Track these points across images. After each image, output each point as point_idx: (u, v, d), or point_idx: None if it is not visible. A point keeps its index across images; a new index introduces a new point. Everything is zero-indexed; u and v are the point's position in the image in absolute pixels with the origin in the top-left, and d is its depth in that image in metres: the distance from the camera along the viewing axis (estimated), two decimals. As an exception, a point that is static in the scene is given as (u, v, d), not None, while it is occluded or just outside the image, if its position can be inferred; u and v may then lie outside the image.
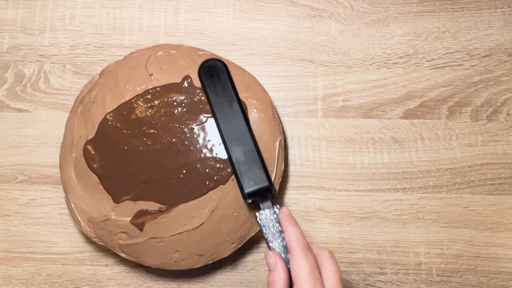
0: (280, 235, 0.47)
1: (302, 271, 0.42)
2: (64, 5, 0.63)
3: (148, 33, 0.61)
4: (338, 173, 0.58)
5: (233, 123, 0.52)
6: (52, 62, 0.61)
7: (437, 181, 0.57)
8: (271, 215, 0.48)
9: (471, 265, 0.56)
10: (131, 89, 0.56)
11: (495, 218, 0.56)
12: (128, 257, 0.54)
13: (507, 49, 0.59)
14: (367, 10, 0.61)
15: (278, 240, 0.47)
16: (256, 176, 0.51)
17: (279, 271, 0.44)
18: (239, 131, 0.52)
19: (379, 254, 0.56)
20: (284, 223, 0.46)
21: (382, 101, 0.59)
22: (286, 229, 0.45)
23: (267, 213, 0.48)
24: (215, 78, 0.54)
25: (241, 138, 0.52)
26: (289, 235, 0.44)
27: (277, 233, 0.47)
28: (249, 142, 0.52)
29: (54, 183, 0.59)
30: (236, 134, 0.52)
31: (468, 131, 0.58)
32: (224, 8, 0.62)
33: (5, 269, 0.58)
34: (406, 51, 0.60)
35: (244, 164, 0.51)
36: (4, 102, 0.61)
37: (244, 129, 0.52)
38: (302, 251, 0.43)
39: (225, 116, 0.53)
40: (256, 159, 0.51)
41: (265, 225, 0.48)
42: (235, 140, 0.52)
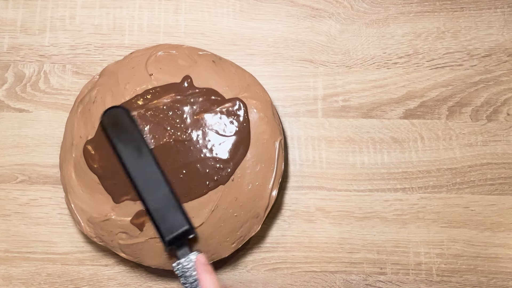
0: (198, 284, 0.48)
1: None
2: (64, 5, 0.63)
3: (148, 33, 0.61)
4: (338, 173, 0.58)
5: (144, 170, 0.51)
6: (52, 62, 0.61)
7: (437, 181, 0.57)
8: (188, 263, 0.48)
9: (471, 265, 0.56)
10: (131, 89, 0.56)
11: (495, 218, 0.56)
12: (128, 257, 0.54)
13: (507, 49, 0.59)
14: (367, 10, 0.61)
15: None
16: (175, 221, 0.50)
17: None
18: (151, 177, 0.51)
19: (379, 254, 0.56)
20: (200, 272, 0.47)
21: (382, 101, 0.59)
22: (201, 278, 0.46)
23: (183, 262, 0.48)
24: (119, 126, 0.52)
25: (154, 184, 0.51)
26: (204, 283, 0.45)
27: (194, 282, 0.48)
28: (163, 187, 0.51)
29: (54, 183, 0.59)
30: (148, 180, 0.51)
31: (468, 131, 0.58)
32: (224, 8, 0.62)
33: (5, 269, 0.58)
34: (406, 51, 0.60)
35: (161, 210, 0.50)
36: (4, 102, 0.61)
37: (156, 174, 0.51)
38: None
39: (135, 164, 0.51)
40: (173, 203, 0.50)
41: (182, 274, 0.48)
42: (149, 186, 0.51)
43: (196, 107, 0.55)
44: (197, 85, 0.56)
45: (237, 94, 0.55)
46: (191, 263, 0.48)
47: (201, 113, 0.55)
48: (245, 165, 0.53)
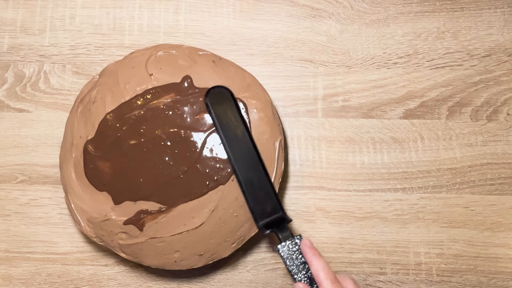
0: (304, 266, 0.48)
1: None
2: (64, 5, 0.63)
3: (148, 33, 0.61)
4: (338, 173, 0.58)
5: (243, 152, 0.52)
6: (52, 62, 0.61)
7: (437, 181, 0.57)
8: (292, 246, 0.49)
9: (471, 265, 0.56)
10: (131, 89, 0.56)
11: (495, 218, 0.56)
12: (128, 257, 0.54)
13: (507, 49, 0.59)
14: (367, 10, 0.61)
15: (303, 272, 0.48)
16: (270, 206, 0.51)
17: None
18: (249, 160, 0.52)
19: (379, 254, 0.56)
20: (309, 256, 0.47)
21: (382, 101, 0.59)
22: (311, 261, 0.46)
23: (289, 245, 0.49)
24: (223, 106, 0.53)
25: (252, 167, 0.52)
26: (316, 267, 0.46)
27: (301, 265, 0.48)
28: (260, 171, 0.52)
29: (54, 183, 0.59)
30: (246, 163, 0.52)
31: (468, 131, 0.58)
32: (224, 8, 0.62)
33: (5, 269, 0.58)
34: (406, 51, 0.60)
35: (257, 193, 0.51)
36: (4, 102, 0.61)
37: (254, 158, 0.52)
38: (331, 284, 0.45)
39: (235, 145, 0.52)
40: (268, 188, 0.51)
41: (288, 257, 0.48)
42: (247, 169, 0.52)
43: (196, 107, 0.55)
44: (197, 85, 0.56)
45: (237, 94, 0.55)
46: (297, 246, 0.49)
47: (201, 113, 0.55)
48: (245, 165, 0.54)
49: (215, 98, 0.53)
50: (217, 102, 0.53)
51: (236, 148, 0.52)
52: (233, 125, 0.53)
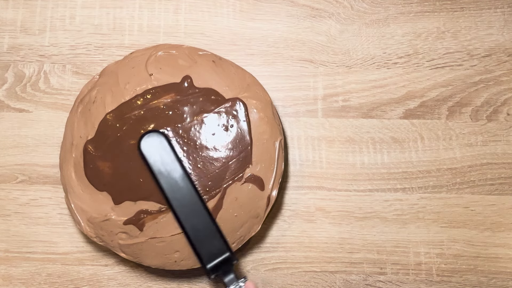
0: None
1: None
2: (64, 5, 0.63)
3: (148, 33, 0.61)
4: (338, 173, 0.58)
5: (183, 197, 0.50)
6: (52, 62, 0.61)
7: (437, 181, 0.57)
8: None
9: (471, 265, 0.56)
10: (131, 89, 0.56)
11: (495, 218, 0.56)
12: (128, 257, 0.54)
13: (507, 49, 0.59)
14: (367, 10, 0.61)
15: None
16: (216, 248, 0.49)
17: None
18: (190, 204, 0.50)
19: (379, 254, 0.56)
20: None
21: (382, 101, 0.59)
22: None
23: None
24: (157, 153, 0.52)
25: (193, 210, 0.50)
26: None
27: None
28: (202, 213, 0.50)
29: (54, 183, 0.59)
30: (187, 207, 0.50)
31: (468, 131, 0.58)
32: (224, 8, 0.62)
33: (5, 269, 0.58)
34: (406, 51, 0.60)
35: (201, 237, 0.49)
36: (4, 102, 0.61)
37: (195, 201, 0.50)
38: None
39: (174, 191, 0.51)
40: (213, 230, 0.49)
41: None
42: (188, 214, 0.50)
43: (196, 107, 0.55)
44: (197, 85, 0.56)
45: (237, 94, 0.55)
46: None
47: (201, 113, 0.55)
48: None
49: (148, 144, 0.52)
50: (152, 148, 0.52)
51: (176, 193, 0.50)
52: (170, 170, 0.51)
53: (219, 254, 0.49)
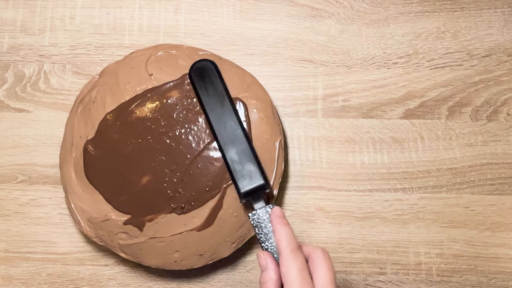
0: (272, 235, 0.47)
1: (291, 273, 0.42)
2: (64, 5, 0.63)
3: (148, 33, 0.61)
4: (338, 173, 0.58)
5: (226, 123, 0.52)
6: (52, 62, 0.61)
7: (437, 181, 0.57)
8: (263, 215, 0.48)
9: (471, 265, 0.56)
10: (131, 89, 0.56)
11: (495, 218, 0.56)
12: (128, 257, 0.54)
13: (507, 49, 0.59)
14: (367, 10, 0.61)
15: (270, 241, 0.47)
16: (251, 175, 0.50)
17: (269, 272, 0.44)
18: (232, 131, 0.52)
19: (379, 254, 0.56)
20: (274, 224, 0.45)
21: (382, 101, 0.59)
22: (276, 230, 0.45)
23: (259, 213, 0.48)
24: (205, 79, 0.53)
25: (234, 138, 0.52)
26: (279, 236, 0.44)
27: (269, 233, 0.47)
28: (243, 141, 0.52)
29: (54, 183, 0.59)
30: (229, 134, 0.52)
31: (468, 131, 0.58)
32: (224, 8, 0.62)
33: (5, 269, 0.58)
34: (406, 51, 0.60)
35: (239, 163, 0.51)
36: (4, 102, 0.61)
37: (237, 129, 0.52)
38: (291, 252, 0.43)
39: (218, 116, 0.52)
40: (251, 158, 0.51)
41: (257, 225, 0.48)
42: (229, 140, 0.52)
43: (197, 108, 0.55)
44: (197, 85, 0.56)
45: (237, 94, 0.55)
46: (267, 214, 0.48)
47: (201, 113, 0.55)
48: (245, 165, 0.54)
49: (198, 72, 0.54)
50: (200, 76, 0.53)
51: (219, 120, 0.52)
52: (215, 98, 0.53)
53: (254, 182, 0.50)
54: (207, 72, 0.54)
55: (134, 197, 0.54)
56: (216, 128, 0.52)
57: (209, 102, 0.53)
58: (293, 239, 0.44)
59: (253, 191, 0.50)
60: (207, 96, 0.53)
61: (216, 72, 0.54)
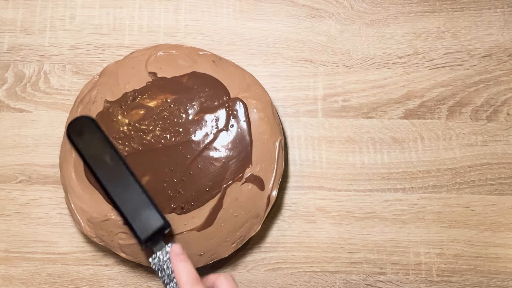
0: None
1: None
2: (64, 5, 0.63)
3: (148, 33, 0.61)
4: (338, 173, 0.58)
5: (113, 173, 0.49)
6: (52, 62, 0.61)
7: (437, 181, 0.57)
8: (164, 256, 0.47)
9: (471, 265, 0.56)
10: (131, 89, 0.56)
11: (495, 218, 0.56)
12: (128, 257, 0.54)
13: (507, 49, 0.59)
14: (367, 10, 0.61)
15: (174, 281, 0.46)
16: (149, 218, 0.48)
17: None
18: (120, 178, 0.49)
19: (379, 254, 0.56)
20: (173, 262, 0.45)
21: (382, 101, 0.59)
22: (175, 267, 0.45)
23: (159, 256, 0.47)
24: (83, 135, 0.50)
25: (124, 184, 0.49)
26: (178, 272, 0.44)
27: (172, 273, 0.46)
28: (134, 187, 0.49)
29: (54, 183, 0.59)
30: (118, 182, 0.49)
31: (468, 131, 0.58)
32: (224, 8, 0.62)
33: (5, 269, 0.58)
34: (406, 51, 0.60)
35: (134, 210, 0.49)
36: (4, 102, 0.61)
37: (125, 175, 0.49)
38: (191, 286, 0.43)
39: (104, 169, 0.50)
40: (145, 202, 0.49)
41: (159, 268, 0.47)
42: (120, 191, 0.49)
43: (196, 107, 0.55)
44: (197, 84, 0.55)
45: (237, 94, 0.55)
46: (167, 255, 0.47)
47: (201, 113, 0.55)
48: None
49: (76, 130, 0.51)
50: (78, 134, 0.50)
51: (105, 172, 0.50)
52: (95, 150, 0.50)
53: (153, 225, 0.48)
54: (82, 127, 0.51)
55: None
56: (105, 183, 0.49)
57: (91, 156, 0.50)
58: (192, 273, 0.44)
59: (154, 235, 0.48)
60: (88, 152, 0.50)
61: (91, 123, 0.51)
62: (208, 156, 0.54)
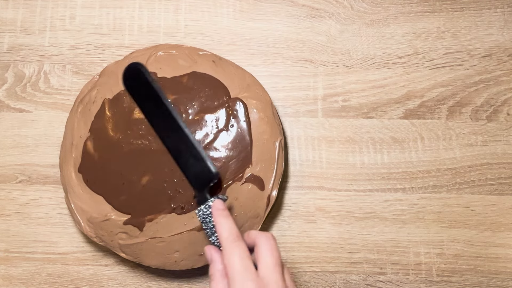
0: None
1: (232, 262, 0.41)
2: (64, 5, 0.63)
3: (148, 33, 0.61)
4: (338, 173, 0.58)
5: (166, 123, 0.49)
6: (52, 62, 0.61)
7: (437, 181, 0.57)
8: (207, 209, 0.47)
9: (471, 265, 0.56)
10: (131, 89, 0.56)
11: (495, 218, 0.56)
12: (128, 257, 0.54)
13: (507, 49, 0.59)
14: (367, 10, 0.61)
15: (216, 234, 0.46)
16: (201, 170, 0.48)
17: (215, 264, 0.44)
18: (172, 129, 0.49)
19: (379, 254, 0.56)
20: (215, 217, 0.45)
21: (382, 101, 0.59)
22: (216, 222, 0.45)
23: (203, 208, 0.47)
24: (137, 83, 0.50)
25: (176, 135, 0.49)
26: (219, 228, 0.44)
27: (214, 227, 0.46)
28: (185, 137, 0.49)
29: (54, 183, 0.59)
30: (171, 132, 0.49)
31: (468, 131, 0.58)
32: (224, 8, 0.62)
33: (5, 269, 0.58)
34: (406, 51, 0.60)
35: (187, 160, 0.49)
36: (4, 102, 0.61)
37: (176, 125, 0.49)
38: (230, 243, 0.42)
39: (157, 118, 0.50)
40: (195, 151, 0.48)
41: (203, 220, 0.47)
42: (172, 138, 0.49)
43: (197, 107, 0.55)
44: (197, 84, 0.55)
45: (237, 94, 0.55)
46: (210, 209, 0.47)
47: (201, 113, 0.55)
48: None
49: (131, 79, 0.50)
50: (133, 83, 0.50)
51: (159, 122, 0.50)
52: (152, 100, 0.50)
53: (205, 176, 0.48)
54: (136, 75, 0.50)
55: (134, 197, 0.54)
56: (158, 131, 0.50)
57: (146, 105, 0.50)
58: (233, 229, 0.44)
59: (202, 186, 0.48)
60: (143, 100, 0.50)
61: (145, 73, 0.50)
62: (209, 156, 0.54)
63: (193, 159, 0.49)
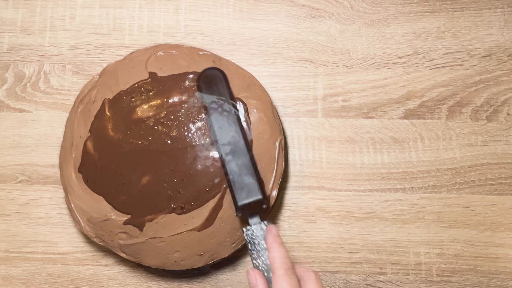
0: (265, 253, 0.47)
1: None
2: (64, 5, 0.63)
3: (148, 33, 0.61)
4: (338, 173, 0.58)
5: (229, 134, 0.52)
6: (52, 62, 0.61)
7: (437, 181, 0.57)
8: (257, 231, 0.48)
9: (471, 265, 0.56)
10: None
11: (495, 218, 0.56)
12: (128, 257, 0.54)
13: (507, 49, 0.59)
14: (367, 10, 0.61)
15: (262, 258, 0.47)
16: (250, 189, 0.50)
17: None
18: (235, 142, 0.51)
19: (379, 254, 0.56)
20: (270, 242, 0.45)
21: (382, 101, 0.59)
22: (270, 248, 0.45)
23: (254, 229, 0.48)
24: (213, 87, 0.53)
25: (236, 149, 0.51)
26: (273, 255, 0.44)
27: (262, 250, 0.47)
28: (244, 153, 0.51)
29: (54, 183, 0.59)
30: (232, 145, 0.51)
31: (468, 131, 0.58)
32: (224, 8, 0.62)
33: (5, 269, 0.58)
34: (406, 51, 0.60)
35: (239, 175, 0.50)
36: (4, 102, 0.61)
37: (240, 140, 0.51)
38: (285, 272, 0.43)
39: (222, 126, 0.52)
40: (251, 172, 0.50)
41: (251, 241, 0.48)
42: (231, 151, 0.51)
43: (197, 107, 0.55)
44: (197, 85, 0.56)
45: (237, 94, 0.55)
46: (261, 231, 0.48)
47: (201, 113, 0.55)
48: (245, 165, 0.54)
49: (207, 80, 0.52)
50: (209, 86, 0.52)
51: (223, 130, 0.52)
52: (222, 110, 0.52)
53: (252, 196, 0.49)
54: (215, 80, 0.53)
55: (134, 197, 0.54)
56: (219, 138, 0.52)
57: (214, 113, 0.52)
58: (288, 259, 0.44)
59: (249, 205, 0.49)
60: (213, 105, 0.52)
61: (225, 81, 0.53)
62: (208, 156, 0.54)
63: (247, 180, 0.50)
